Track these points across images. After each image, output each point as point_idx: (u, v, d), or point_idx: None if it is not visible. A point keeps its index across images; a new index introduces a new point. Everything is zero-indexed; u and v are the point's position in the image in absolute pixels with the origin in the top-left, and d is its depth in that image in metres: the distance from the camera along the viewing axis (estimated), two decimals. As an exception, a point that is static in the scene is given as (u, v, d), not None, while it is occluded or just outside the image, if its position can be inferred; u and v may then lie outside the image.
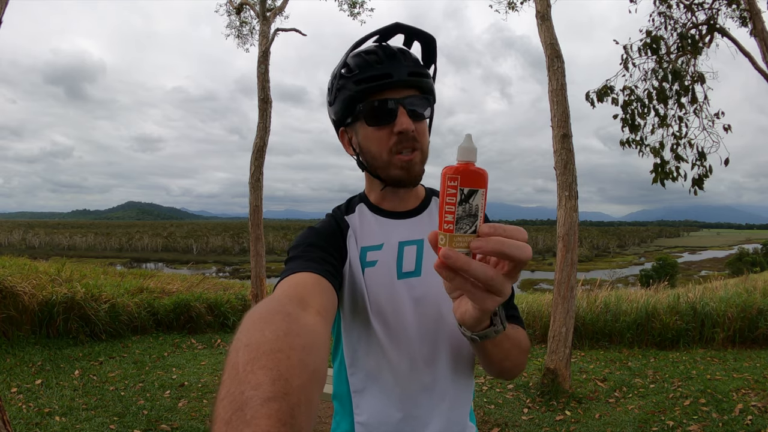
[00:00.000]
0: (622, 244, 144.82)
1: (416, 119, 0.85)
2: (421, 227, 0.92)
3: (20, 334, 5.03)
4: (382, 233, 0.91)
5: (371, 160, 0.88)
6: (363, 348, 0.88)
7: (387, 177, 0.88)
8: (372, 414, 0.87)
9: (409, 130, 0.83)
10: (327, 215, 0.96)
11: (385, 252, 0.89)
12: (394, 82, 0.82)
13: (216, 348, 5.85)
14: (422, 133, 0.86)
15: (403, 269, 0.88)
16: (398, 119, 0.83)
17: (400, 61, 0.84)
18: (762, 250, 53.79)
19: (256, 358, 0.42)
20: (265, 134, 4.96)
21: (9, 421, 2.28)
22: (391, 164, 0.86)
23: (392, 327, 0.86)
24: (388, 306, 0.86)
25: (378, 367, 0.87)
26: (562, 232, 4.21)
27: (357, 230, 0.91)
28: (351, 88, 0.84)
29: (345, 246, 0.88)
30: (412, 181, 0.88)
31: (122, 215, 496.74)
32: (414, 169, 0.86)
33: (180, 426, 3.43)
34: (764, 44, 3.94)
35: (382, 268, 0.88)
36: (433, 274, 0.71)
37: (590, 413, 3.76)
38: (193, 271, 53.37)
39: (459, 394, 0.90)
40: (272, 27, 5.26)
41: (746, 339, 5.67)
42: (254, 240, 4.80)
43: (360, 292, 0.86)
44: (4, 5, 2.31)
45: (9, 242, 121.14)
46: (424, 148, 0.87)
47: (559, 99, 4.30)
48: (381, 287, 0.87)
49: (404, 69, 0.83)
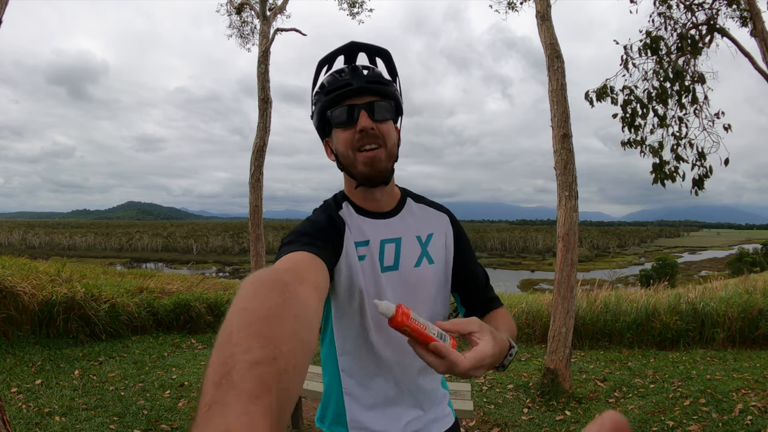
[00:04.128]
0: (622, 244, 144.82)
1: (378, 120, 0.97)
2: (398, 226, 1.06)
3: (20, 334, 5.03)
4: (368, 231, 1.03)
5: (343, 159, 1.01)
6: (353, 332, 1.03)
7: (357, 174, 1.00)
8: (357, 386, 1.05)
9: (368, 128, 0.95)
10: (319, 210, 1.07)
11: (370, 248, 1.02)
12: (355, 89, 0.96)
13: (216, 348, 5.86)
14: (386, 132, 0.98)
15: (384, 264, 1.02)
16: (359, 119, 0.96)
17: (361, 73, 0.99)
18: (762, 250, 53.80)
19: (250, 323, 0.43)
20: (265, 134, 4.96)
21: (9, 421, 2.29)
22: (357, 161, 0.98)
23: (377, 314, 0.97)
24: (375, 295, 1.00)
25: (366, 350, 1.03)
26: (562, 232, 4.21)
27: (350, 226, 1.02)
28: (323, 99, 1.00)
29: (342, 239, 0.99)
30: (377, 177, 1.00)
31: (122, 215, 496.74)
32: (378, 164, 0.98)
33: (180, 426, 3.43)
34: (764, 44, 3.94)
35: (369, 262, 1.01)
36: (408, 268, 1.03)
37: (590, 413, 3.76)
38: (193, 271, 53.36)
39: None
40: (273, 27, 5.26)
41: (746, 339, 5.67)
42: (254, 240, 4.80)
43: (357, 281, 0.99)
44: (4, 5, 2.31)
45: (9, 242, 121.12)
46: (389, 145, 0.99)
47: (559, 99, 4.31)
48: (369, 278, 1.01)
49: (363, 79, 0.98)
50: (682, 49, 4.67)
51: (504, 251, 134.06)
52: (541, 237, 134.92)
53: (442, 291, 1.10)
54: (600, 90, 4.70)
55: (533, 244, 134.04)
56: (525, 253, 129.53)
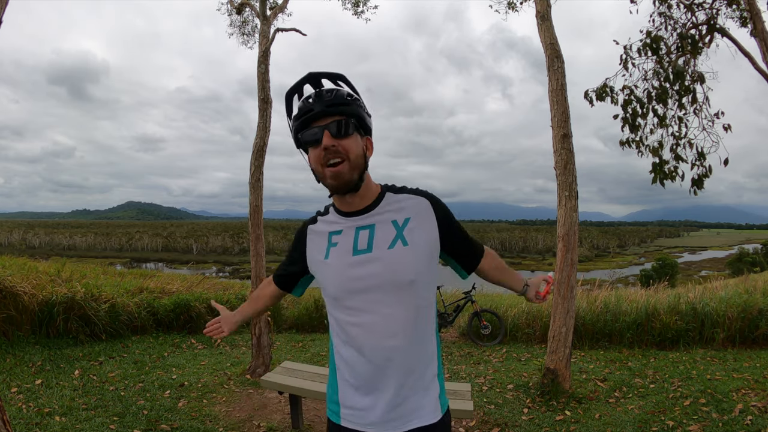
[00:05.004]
0: (622, 244, 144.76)
1: (340, 137, 1.15)
2: (374, 216, 1.23)
3: (20, 334, 5.03)
4: (343, 223, 1.25)
5: (316, 174, 1.21)
6: (338, 318, 1.25)
7: (327, 185, 1.20)
8: (350, 371, 1.23)
9: (330, 145, 1.14)
10: (300, 226, 1.38)
11: (344, 235, 1.23)
12: (317, 113, 1.15)
13: (216, 348, 5.85)
14: (348, 147, 1.15)
15: (358, 247, 1.21)
16: (323, 139, 1.14)
17: (323, 98, 1.15)
18: (762, 250, 53.78)
19: (253, 297, 1.58)
20: (265, 134, 4.95)
21: (9, 421, 2.28)
22: (326, 175, 1.17)
23: (351, 297, 1.20)
24: (343, 276, 1.20)
25: (351, 332, 1.21)
26: (562, 232, 4.21)
27: (318, 229, 1.30)
28: (294, 124, 1.20)
29: (304, 249, 1.32)
30: (343, 187, 1.17)
31: (122, 215, 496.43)
32: (342, 177, 1.16)
33: (180, 426, 3.43)
34: (764, 44, 3.93)
35: (342, 247, 1.23)
36: (382, 250, 1.19)
37: (590, 413, 3.76)
38: (193, 271, 53.30)
39: (412, 345, 1.21)
40: (273, 26, 5.25)
41: (746, 339, 5.67)
42: (254, 240, 4.80)
43: (323, 275, 1.26)
44: (4, 5, 2.31)
45: (9, 242, 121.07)
46: (352, 158, 1.16)
47: (559, 99, 4.30)
48: (339, 261, 1.22)
49: (325, 103, 1.14)
50: (682, 49, 4.67)
51: (504, 251, 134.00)
52: (541, 237, 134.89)
53: (422, 267, 1.21)
54: (600, 90, 4.69)
55: (533, 244, 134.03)
56: (525, 253, 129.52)
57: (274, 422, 3.63)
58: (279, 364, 3.95)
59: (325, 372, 3.56)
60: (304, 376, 3.50)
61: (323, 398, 3.25)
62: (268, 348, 4.81)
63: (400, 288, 1.18)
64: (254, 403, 4.01)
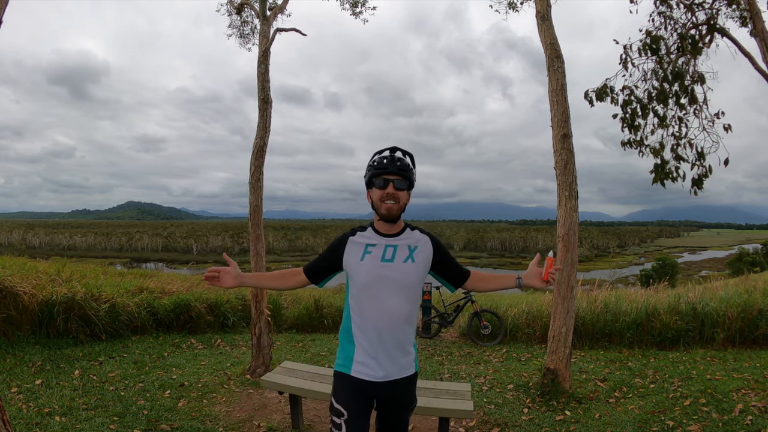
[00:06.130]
0: (622, 244, 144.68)
1: (398, 189, 1.83)
2: (398, 240, 1.89)
3: (20, 334, 5.03)
4: (378, 240, 1.89)
5: (375, 204, 1.86)
6: (361, 301, 1.85)
7: (380, 214, 1.86)
8: (363, 337, 1.85)
9: (391, 193, 1.82)
10: (341, 235, 1.96)
11: (377, 247, 1.87)
12: (389, 170, 1.83)
13: (216, 348, 5.85)
14: (401, 196, 1.84)
15: (384, 257, 1.85)
16: (388, 187, 1.83)
17: (394, 162, 1.84)
18: (762, 250, 53.73)
19: (277, 274, 2.07)
20: (265, 134, 4.94)
21: (9, 421, 2.29)
22: (381, 207, 1.84)
23: (375, 287, 1.83)
24: (373, 273, 1.83)
25: (368, 311, 1.83)
26: (562, 232, 4.21)
27: (357, 240, 1.90)
28: (372, 171, 1.85)
29: (342, 252, 1.90)
30: (391, 218, 1.84)
31: (122, 215, 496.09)
32: (392, 213, 1.83)
33: (180, 426, 3.43)
34: (764, 44, 3.93)
35: (374, 254, 1.86)
36: (399, 262, 1.85)
37: (590, 413, 3.76)
38: (193, 271, 53.22)
39: (406, 324, 1.86)
40: (273, 27, 5.25)
41: (746, 339, 5.67)
42: (254, 240, 4.79)
43: (357, 271, 1.86)
44: (4, 5, 2.31)
45: (9, 242, 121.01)
46: (401, 203, 1.85)
47: (559, 99, 4.30)
48: (372, 263, 1.84)
49: (395, 166, 1.83)
50: (682, 49, 4.66)
51: (504, 251, 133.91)
52: (541, 237, 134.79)
53: (419, 278, 1.89)
54: (600, 90, 4.69)
55: (533, 244, 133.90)
56: (525, 253, 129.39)
57: (274, 422, 3.63)
58: (279, 364, 3.95)
59: (325, 372, 3.57)
60: (304, 376, 3.50)
61: (323, 398, 3.25)
62: (268, 348, 4.82)
63: (406, 288, 1.84)
64: (254, 403, 4.01)
